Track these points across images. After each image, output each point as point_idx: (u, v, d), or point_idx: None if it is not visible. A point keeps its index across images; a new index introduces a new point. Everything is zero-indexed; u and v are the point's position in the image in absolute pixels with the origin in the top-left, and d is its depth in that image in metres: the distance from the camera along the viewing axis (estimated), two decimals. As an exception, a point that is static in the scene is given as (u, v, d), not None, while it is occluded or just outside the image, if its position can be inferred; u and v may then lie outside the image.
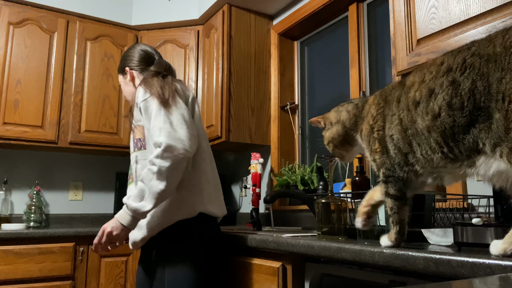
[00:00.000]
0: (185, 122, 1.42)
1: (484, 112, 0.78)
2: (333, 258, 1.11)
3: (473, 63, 0.81)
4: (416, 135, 0.91)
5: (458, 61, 0.84)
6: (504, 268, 0.71)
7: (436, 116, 0.85)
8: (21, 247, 2.25)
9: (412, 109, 0.91)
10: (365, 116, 1.08)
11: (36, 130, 2.67)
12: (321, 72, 2.63)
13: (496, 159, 0.77)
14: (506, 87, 0.74)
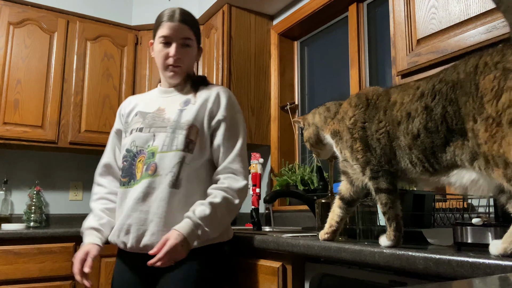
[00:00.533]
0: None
1: (457, 132, 0.85)
2: (333, 258, 1.11)
3: (441, 89, 0.88)
4: (399, 149, 0.98)
5: (429, 87, 0.91)
6: (504, 268, 0.71)
7: (416, 137, 0.92)
8: (21, 247, 2.25)
9: (395, 126, 0.98)
10: (339, 118, 1.14)
11: (36, 130, 2.67)
12: (321, 72, 2.63)
13: (471, 170, 0.85)
14: (470, 109, 0.81)
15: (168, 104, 1.45)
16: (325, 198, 1.36)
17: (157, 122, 1.41)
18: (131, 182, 1.38)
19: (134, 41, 3.03)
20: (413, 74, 1.36)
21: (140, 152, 1.39)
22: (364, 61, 2.27)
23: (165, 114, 1.42)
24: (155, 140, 1.38)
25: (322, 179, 2.09)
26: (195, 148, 1.37)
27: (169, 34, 1.42)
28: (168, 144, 1.36)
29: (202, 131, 1.39)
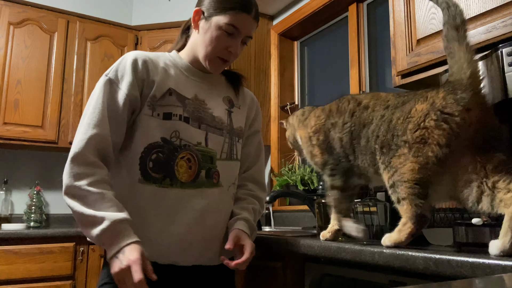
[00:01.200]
0: None
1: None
2: (333, 258, 1.11)
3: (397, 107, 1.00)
4: (358, 147, 1.08)
5: (395, 103, 1.01)
6: (504, 268, 0.71)
7: (375, 141, 1.02)
8: (21, 247, 2.26)
9: (361, 128, 1.08)
10: (305, 124, 1.27)
11: (36, 130, 2.67)
12: (321, 72, 2.63)
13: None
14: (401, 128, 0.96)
15: (208, 96, 1.23)
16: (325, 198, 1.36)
17: (206, 118, 1.20)
18: (170, 182, 1.11)
19: (134, 41, 3.03)
20: (413, 74, 1.36)
21: (184, 147, 1.14)
22: (364, 61, 2.27)
23: (210, 110, 1.21)
24: (208, 141, 1.18)
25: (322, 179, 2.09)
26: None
27: (241, 27, 1.16)
28: (228, 151, 1.22)
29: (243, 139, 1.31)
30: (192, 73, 1.23)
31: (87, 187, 1.03)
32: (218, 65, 1.20)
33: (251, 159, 1.33)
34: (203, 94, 1.22)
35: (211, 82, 1.26)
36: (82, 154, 1.06)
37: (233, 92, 1.30)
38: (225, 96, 1.27)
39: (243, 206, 1.24)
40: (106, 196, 1.02)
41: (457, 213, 1.35)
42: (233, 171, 1.23)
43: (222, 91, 1.28)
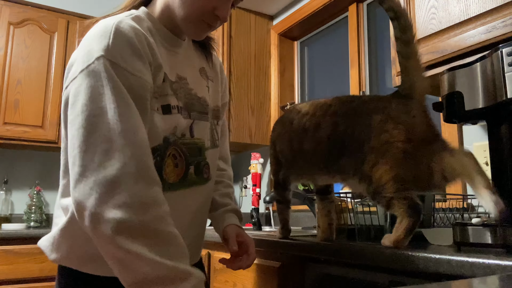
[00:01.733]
0: None
1: (348, 149, 1.03)
2: (333, 258, 1.11)
3: (348, 113, 1.06)
4: (301, 152, 1.14)
5: (342, 108, 1.07)
6: (504, 268, 0.71)
7: (319, 144, 1.09)
8: (21, 247, 2.26)
9: (301, 132, 1.13)
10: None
11: (36, 130, 2.67)
12: (321, 72, 2.63)
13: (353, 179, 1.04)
14: (363, 137, 1.01)
15: (187, 71, 0.97)
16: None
17: (194, 103, 0.96)
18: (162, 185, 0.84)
19: (134, 41, 3.04)
20: (413, 74, 1.36)
21: (173, 143, 0.91)
22: (364, 61, 2.27)
23: (193, 90, 0.97)
24: (194, 130, 0.96)
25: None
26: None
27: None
28: (211, 138, 1.03)
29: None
30: (171, 43, 0.95)
31: (156, 224, 0.72)
32: (202, 30, 0.94)
33: (223, 134, 1.15)
34: (182, 69, 0.95)
35: (185, 50, 0.99)
36: (145, 171, 0.75)
37: (205, 61, 1.06)
38: (201, 68, 1.03)
39: (223, 192, 1.12)
40: (178, 239, 0.75)
41: (457, 213, 1.35)
42: (216, 160, 1.06)
43: (196, 61, 1.03)
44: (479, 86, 0.97)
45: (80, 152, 0.74)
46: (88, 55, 0.78)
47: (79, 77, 0.77)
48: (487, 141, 1.03)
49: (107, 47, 0.78)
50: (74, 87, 0.78)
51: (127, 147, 0.73)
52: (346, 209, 1.32)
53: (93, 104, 0.75)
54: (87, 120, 0.74)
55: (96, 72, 0.76)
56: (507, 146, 0.95)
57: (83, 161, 0.73)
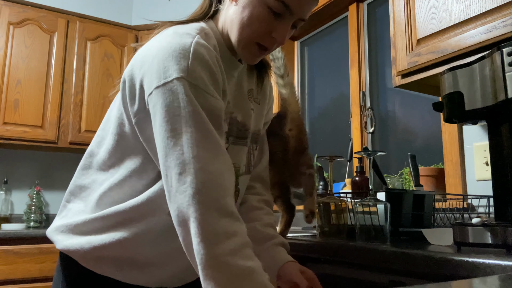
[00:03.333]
0: None
1: None
2: (333, 258, 1.11)
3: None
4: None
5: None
6: (504, 268, 0.71)
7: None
8: (21, 247, 2.25)
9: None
10: None
11: (36, 130, 2.67)
12: (321, 72, 2.63)
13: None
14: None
15: (233, 95, 0.92)
16: (325, 198, 1.36)
17: (233, 128, 0.92)
18: None
19: (134, 41, 3.03)
20: (413, 74, 1.36)
21: None
22: (364, 61, 2.27)
23: (233, 113, 0.92)
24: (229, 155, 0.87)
25: (322, 179, 2.09)
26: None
27: (294, 5, 0.82)
28: (247, 163, 0.98)
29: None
30: (230, 66, 0.90)
31: (227, 258, 0.67)
32: (255, 54, 0.88)
33: (257, 153, 1.07)
34: (229, 92, 0.89)
35: (240, 72, 0.95)
36: (215, 201, 0.70)
37: (254, 82, 1.01)
38: (249, 90, 0.98)
39: (266, 222, 1.00)
40: (253, 274, 0.68)
41: (457, 213, 1.35)
42: (246, 185, 1.01)
43: (245, 82, 0.97)
44: (479, 86, 0.97)
45: (162, 175, 0.74)
46: (165, 72, 0.74)
47: (154, 93, 0.75)
48: (487, 141, 1.02)
49: (187, 68, 0.74)
50: (152, 104, 0.76)
51: (201, 173, 0.70)
52: (346, 209, 1.32)
53: (170, 125, 0.72)
54: (163, 141, 0.73)
55: (174, 92, 0.73)
56: (507, 146, 0.95)
57: (165, 184, 0.73)
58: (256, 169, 1.06)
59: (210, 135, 0.73)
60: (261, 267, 0.70)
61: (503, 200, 0.95)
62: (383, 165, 2.00)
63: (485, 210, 1.35)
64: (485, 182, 1.43)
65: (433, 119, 1.84)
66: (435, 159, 1.73)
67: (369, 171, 1.21)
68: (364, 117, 2.17)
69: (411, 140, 2.01)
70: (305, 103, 2.72)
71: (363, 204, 1.22)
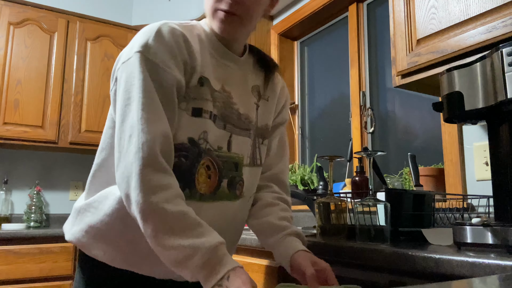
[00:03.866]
0: None
1: None
2: (333, 258, 1.11)
3: None
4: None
5: None
6: (504, 268, 0.71)
7: None
8: (21, 247, 2.26)
9: None
10: None
11: (36, 130, 2.67)
12: (321, 72, 2.63)
13: None
14: None
15: (235, 87, 0.99)
16: (325, 198, 1.36)
17: (232, 116, 0.96)
18: (190, 193, 0.89)
19: (134, 41, 3.04)
20: (413, 74, 1.36)
21: (206, 152, 0.91)
22: (364, 61, 2.27)
23: (236, 105, 0.97)
24: (232, 145, 0.96)
25: (322, 179, 2.09)
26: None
27: None
28: (252, 156, 1.01)
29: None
30: (221, 54, 0.97)
31: (164, 205, 0.77)
32: (222, 20, 0.91)
33: (273, 155, 1.11)
34: (230, 84, 0.97)
35: (240, 66, 1.01)
36: (153, 158, 0.80)
37: (262, 80, 1.06)
38: (254, 86, 1.03)
39: (281, 216, 1.02)
40: (188, 216, 0.79)
41: (457, 213, 1.35)
42: (257, 179, 1.04)
43: (250, 78, 1.03)
44: (479, 86, 0.97)
45: (116, 139, 0.83)
46: (130, 50, 0.88)
47: (121, 68, 0.88)
48: (487, 141, 1.03)
49: (146, 43, 0.86)
50: (117, 77, 0.90)
51: (142, 134, 0.79)
52: (346, 209, 1.32)
53: (126, 94, 0.84)
54: (121, 109, 0.84)
55: (132, 64, 0.85)
56: (507, 146, 0.95)
57: (118, 147, 0.82)
58: (273, 170, 1.10)
59: (155, 103, 0.82)
60: (194, 212, 0.80)
61: (503, 200, 0.95)
62: (383, 165, 2.00)
63: (485, 210, 1.35)
64: (485, 182, 1.43)
65: (433, 119, 1.84)
66: (435, 159, 1.73)
67: (369, 171, 1.21)
68: (364, 117, 2.18)
69: (411, 140, 2.01)
70: (305, 103, 2.72)
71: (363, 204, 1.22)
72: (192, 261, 0.75)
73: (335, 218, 1.31)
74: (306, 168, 2.36)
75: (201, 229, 0.79)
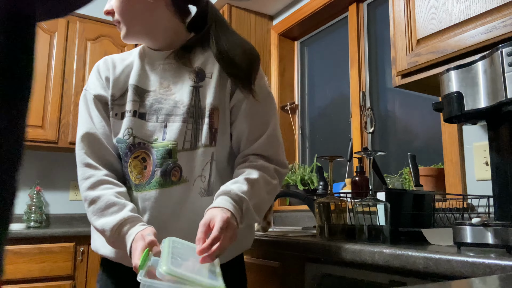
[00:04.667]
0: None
1: None
2: (333, 258, 1.11)
3: None
4: None
5: None
6: (504, 268, 0.71)
7: None
8: (21, 247, 2.26)
9: None
10: None
11: (37, 130, 2.67)
12: (321, 72, 2.63)
13: None
14: None
15: (174, 78, 1.07)
16: (325, 198, 1.36)
17: (166, 107, 1.04)
18: (129, 185, 1.03)
19: (134, 41, 3.04)
20: (413, 74, 1.36)
21: (138, 145, 1.02)
22: (364, 61, 2.27)
23: (174, 94, 1.05)
24: (167, 133, 1.02)
25: (322, 179, 2.09)
26: (218, 138, 1.05)
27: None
28: (192, 140, 1.03)
29: (223, 113, 1.06)
30: (157, 58, 1.11)
31: (86, 192, 0.98)
32: (117, 28, 1.11)
33: (247, 135, 1.06)
34: (168, 78, 1.08)
35: (181, 56, 1.09)
36: (80, 156, 1.02)
37: (202, 58, 1.09)
38: (192, 69, 1.08)
39: (230, 181, 0.99)
40: (102, 199, 0.96)
41: (457, 213, 1.35)
42: (200, 161, 1.02)
43: (190, 64, 1.09)
44: (479, 86, 0.97)
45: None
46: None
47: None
48: (487, 141, 1.03)
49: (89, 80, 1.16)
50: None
51: (77, 141, 1.04)
52: (346, 209, 1.32)
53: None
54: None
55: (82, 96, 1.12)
56: (507, 146, 0.95)
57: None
58: (252, 147, 1.05)
59: (84, 117, 1.06)
60: (113, 195, 0.96)
61: (503, 200, 0.95)
62: (383, 165, 2.00)
63: (485, 210, 1.35)
64: (485, 182, 1.43)
65: (433, 119, 1.84)
66: (435, 159, 1.73)
67: (369, 171, 1.21)
68: (364, 117, 2.18)
69: (411, 140, 2.01)
70: (305, 103, 2.72)
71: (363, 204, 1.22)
72: (109, 241, 0.95)
73: (335, 218, 1.31)
74: (306, 168, 2.36)
75: (112, 209, 0.94)
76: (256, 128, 1.06)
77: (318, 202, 1.39)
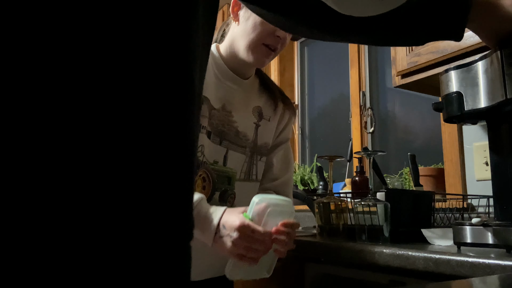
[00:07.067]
0: None
1: None
2: (333, 258, 1.11)
3: None
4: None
5: None
6: (504, 268, 0.71)
7: None
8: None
9: None
10: None
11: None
12: (321, 72, 2.63)
13: None
14: None
15: (236, 107, 1.08)
16: (325, 198, 1.36)
17: (229, 133, 1.06)
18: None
19: (134, 41, 3.04)
20: (413, 74, 1.36)
21: (202, 165, 1.01)
22: (364, 61, 2.27)
23: (236, 123, 1.07)
24: (227, 160, 1.05)
25: (322, 179, 2.09)
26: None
27: None
28: (247, 171, 1.09)
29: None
30: (227, 77, 1.07)
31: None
32: (264, 54, 1.03)
33: (277, 170, 1.18)
34: (232, 103, 1.07)
35: (244, 88, 1.11)
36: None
37: (264, 100, 1.15)
38: (255, 106, 1.13)
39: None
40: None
41: (457, 213, 1.35)
42: (251, 193, 1.07)
43: (253, 100, 1.13)
44: (479, 86, 0.97)
45: None
46: None
47: None
48: (487, 141, 1.03)
49: None
50: None
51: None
52: (346, 209, 1.32)
53: None
54: None
55: None
56: (507, 146, 0.95)
57: None
58: (276, 182, 1.16)
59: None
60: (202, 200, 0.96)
61: (503, 200, 0.95)
62: (383, 165, 2.00)
63: (485, 210, 1.35)
64: (485, 182, 1.43)
65: (433, 119, 1.84)
66: (435, 159, 1.73)
67: (369, 171, 1.21)
68: (364, 117, 2.18)
69: (411, 140, 2.02)
70: (305, 103, 2.72)
71: (363, 204, 1.22)
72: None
73: (335, 218, 1.31)
74: (306, 168, 2.36)
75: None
76: (282, 167, 1.18)
77: (318, 202, 1.39)
